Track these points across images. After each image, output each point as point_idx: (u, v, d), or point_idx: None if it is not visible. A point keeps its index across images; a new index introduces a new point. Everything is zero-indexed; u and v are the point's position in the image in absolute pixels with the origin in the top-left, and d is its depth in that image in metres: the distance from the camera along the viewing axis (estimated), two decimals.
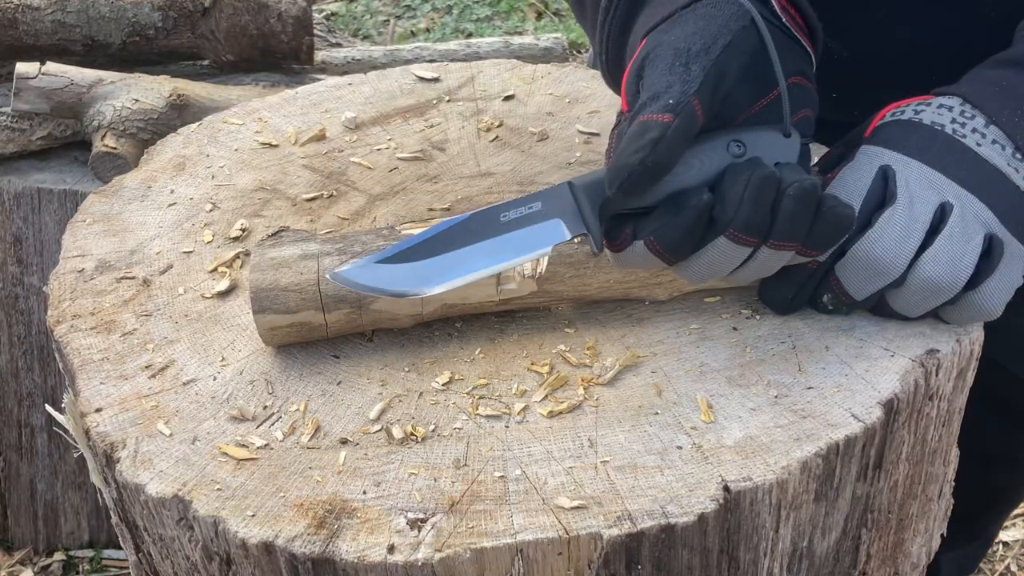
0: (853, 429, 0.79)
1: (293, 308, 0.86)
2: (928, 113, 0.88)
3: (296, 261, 0.87)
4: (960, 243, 0.82)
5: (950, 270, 0.82)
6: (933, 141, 0.86)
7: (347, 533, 0.74)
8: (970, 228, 0.83)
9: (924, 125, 0.87)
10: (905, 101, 0.90)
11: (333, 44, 2.39)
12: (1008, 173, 0.85)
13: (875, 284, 0.84)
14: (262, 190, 1.11)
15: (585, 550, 0.73)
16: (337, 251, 0.87)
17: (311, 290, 0.86)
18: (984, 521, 1.51)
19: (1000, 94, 0.87)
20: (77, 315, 0.94)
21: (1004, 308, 0.85)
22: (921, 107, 0.88)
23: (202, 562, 0.79)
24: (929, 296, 0.84)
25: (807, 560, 0.84)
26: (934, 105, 0.88)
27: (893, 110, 0.90)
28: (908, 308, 0.86)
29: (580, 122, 1.19)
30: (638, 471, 0.77)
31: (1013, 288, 0.85)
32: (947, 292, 0.83)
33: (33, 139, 1.89)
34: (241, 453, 0.81)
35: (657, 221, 0.78)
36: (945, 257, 0.82)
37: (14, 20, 1.95)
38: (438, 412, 0.83)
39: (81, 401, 0.86)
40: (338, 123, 1.21)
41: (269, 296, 0.86)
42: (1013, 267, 0.84)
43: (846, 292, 0.86)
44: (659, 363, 0.87)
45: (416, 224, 0.90)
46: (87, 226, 1.06)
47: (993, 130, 0.86)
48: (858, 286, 0.85)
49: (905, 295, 0.85)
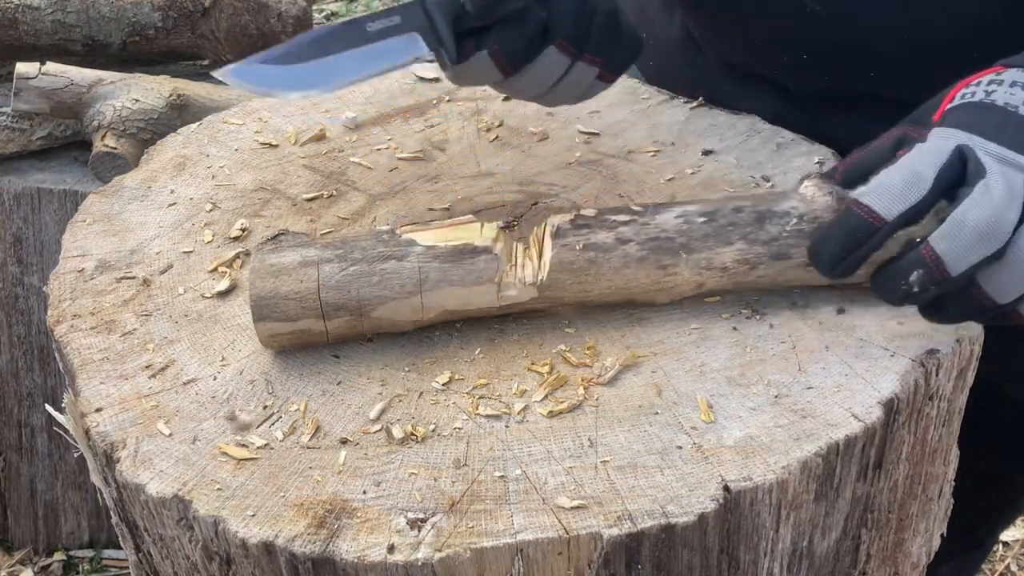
0: (853, 429, 0.79)
1: (293, 316, 0.86)
2: (1000, 93, 0.84)
3: (296, 268, 0.86)
4: None
5: None
6: (1008, 122, 0.82)
7: (347, 533, 0.74)
8: None
9: (997, 107, 0.83)
10: (975, 77, 0.87)
11: None
12: None
13: (977, 253, 0.78)
14: (262, 190, 1.11)
15: (585, 550, 0.73)
16: (337, 257, 0.87)
17: (311, 298, 0.85)
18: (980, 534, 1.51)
19: None
20: (77, 315, 0.94)
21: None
22: (993, 86, 0.85)
23: (202, 562, 0.79)
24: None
25: (807, 560, 0.84)
26: (1007, 83, 0.85)
27: (963, 90, 0.87)
28: (1003, 288, 0.80)
29: (580, 122, 1.19)
30: (638, 471, 0.77)
31: None
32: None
33: (33, 139, 1.89)
34: (241, 453, 0.81)
35: (502, 32, 0.91)
36: None
37: (14, 20, 1.95)
38: (438, 412, 0.83)
39: (81, 401, 0.86)
40: (338, 123, 1.21)
41: (269, 304, 0.85)
42: None
43: (942, 265, 0.79)
44: (659, 363, 0.87)
45: (416, 227, 0.90)
46: (87, 226, 1.06)
47: None
48: (958, 256, 0.78)
49: (1004, 271, 0.79)
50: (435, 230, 0.89)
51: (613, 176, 1.10)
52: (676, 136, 1.15)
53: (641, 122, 1.18)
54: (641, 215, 0.88)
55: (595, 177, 1.10)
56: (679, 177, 1.08)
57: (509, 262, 0.87)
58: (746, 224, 0.87)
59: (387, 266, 0.86)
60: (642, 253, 0.87)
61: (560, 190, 1.08)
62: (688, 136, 1.15)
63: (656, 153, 1.13)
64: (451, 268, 0.86)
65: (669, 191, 1.06)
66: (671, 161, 1.11)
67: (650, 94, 1.23)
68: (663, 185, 1.07)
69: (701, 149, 1.12)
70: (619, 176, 1.10)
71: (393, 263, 0.86)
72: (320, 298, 0.85)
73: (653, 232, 0.87)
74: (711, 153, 1.12)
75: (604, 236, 0.87)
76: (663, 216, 0.88)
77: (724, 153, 1.11)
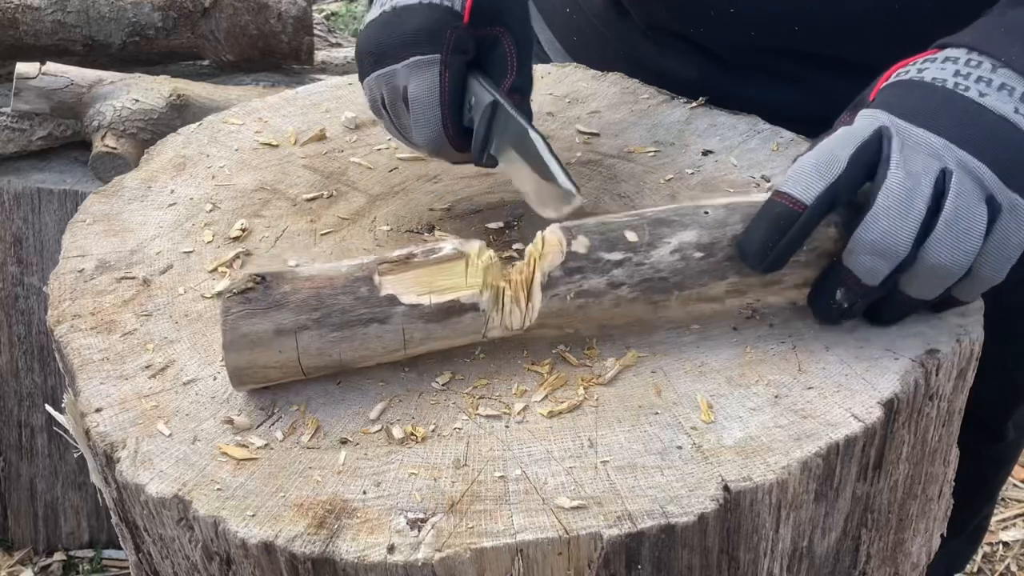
0: (853, 429, 0.79)
1: (274, 379, 0.84)
2: (931, 69, 0.85)
3: (272, 339, 0.81)
4: (962, 220, 0.79)
5: (956, 252, 0.79)
6: (932, 99, 0.83)
7: (347, 533, 0.74)
8: (972, 198, 0.79)
9: (925, 83, 0.84)
10: (913, 58, 0.87)
11: (333, 44, 2.39)
12: (1016, 120, 0.81)
13: (885, 266, 0.81)
14: (262, 190, 1.11)
15: (585, 550, 0.73)
16: (315, 323, 0.81)
17: (292, 366, 0.83)
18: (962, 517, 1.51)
19: (1007, 35, 0.84)
20: (77, 315, 0.94)
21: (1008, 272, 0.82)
22: (925, 64, 0.85)
23: (202, 562, 0.79)
24: (941, 279, 0.81)
25: (807, 560, 0.84)
26: (939, 59, 0.85)
27: (899, 70, 0.87)
28: (921, 292, 0.83)
29: (580, 122, 1.19)
30: (638, 471, 0.77)
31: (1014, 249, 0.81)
32: (957, 273, 0.81)
33: (33, 139, 1.89)
34: (241, 453, 0.81)
35: None
36: (949, 240, 0.79)
37: (14, 20, 1.95)
38: (438, 412, 0.83)
39: (81, 401, 0.86)
40: (338, 123, 1.21)
41: (248, 373, 0.83)
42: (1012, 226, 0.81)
43: (858, 281, 0.82)
44: (659, 363, 0.87)
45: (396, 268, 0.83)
46: (87, 226, 1.06)
47: (1002, 72, 0.82)
48: (869, 272, 0.81)
49: (915, 279, 0.82)
50: (417, 272, 0.83)
51: (613, 176, 1.10)
52: (676, 136, 1.15)
53: (641, 122, 1.18)
54: (636, 250, 0.84)
55: (595, 177, 1.10)
56: (678, 177, 1.08)
57: (496, 309, 0.84)
58: None
59: (369, 330, 0.82)
60: (634, 295, 0.85)
61: None
62: (688, 136, 1.15)
63: (656, 153, 1.13)
64: (436, 328, 0.83)
65: (669, 191, 1.06)
66: (671, 161, 1.11)
67: (650, 94, 1.23)
68: (663, 185, 1.07)
69: (701, 149, 1.12)
70: (619, 176, 1.10)
71: (375, 327, 0.82)
72: (301, 364, 0.83)
73: (647, 273, 0.84)
74: (711, 153, 1.12)
75: (596, 281, 0.84)
76: (659, 252, 0.84)
77: (724, 153, 1.11)
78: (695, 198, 1.04)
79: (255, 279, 0.82)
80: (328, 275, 0.83)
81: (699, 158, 1.11)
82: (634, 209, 1.03)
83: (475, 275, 0.83)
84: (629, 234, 0.84)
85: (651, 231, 0.85)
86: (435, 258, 0.83)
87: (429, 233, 1.03)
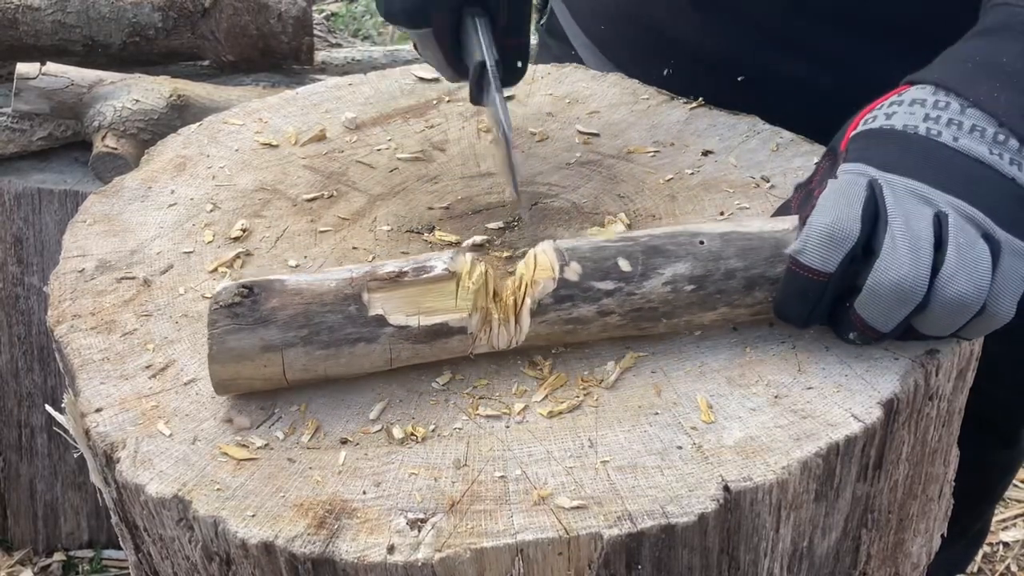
0: (853, 429, 0.79)
1: (258, 388, 0.84)
2: (900, 115, 0.85)
3: (258, 354, 0.81)
4: (969, 253, 0.79)
5: (971, 284, 0.79)
6: (908, 149, 0.83)
7: (347, 533, 0.74)
8: (970, 234, 0.80)
9: (896, 131, 0.84)
10: (878, 101, 0.87)
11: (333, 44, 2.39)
12: (992, 162, 0.81)
13: (900, 313, 0.80)
14: (262, 190, 1.11)
15: (585, 550, 0.73)
16: (302, 340, 0.80)
17: (277, 379, 0.83)
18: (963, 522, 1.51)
19: (974, 71, 0.84)
20: (77, 315, 0.94)
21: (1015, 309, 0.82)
22: (893, 107, 0.85)
23: (202, 562, 0.79)
24: (957, 314, 0.80)
25: (807, 560, 0.84)
26: (906, 102, 0.85)
27: (866, 116, 0.87)
28: (937, 329, 0.83)
29: (580, 122, 1.19)
30: (638, 471, 0.77)
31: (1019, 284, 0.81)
32: (974, 306, 0.80)
33: (33, 139, 1.89)
34: (241, 453, 0.81)
35: None
36: (963, 272, 0.79)
37: (14, 20, 1.95)
38: (438, 412, 0.83)
39: (81, 401, 0.86)
40: (338, 123, 1.21)
41: (233, 383, 0.83)
42: (1016, 262, 0.81)
43: (871, 328, 0.82)
44: (659, 363, 0.87)
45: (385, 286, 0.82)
46: (87, 226, 1.06)
47: (971, 113, 0.82)
48: (883, 318, 0.81)
49: (932, 318, 0.81)
50: (407, 291, 0.82)
51: (613, 176, 1.10)
52: (676, 136, 1.15)
53: (641, 122, 1.18)
54: (629, 280, 0.84)
55: (595, 177, 1.10)
56: (678, 177, 1.09)
57: (483, 330, 0.84)
58: (734, 292, 0.85)
59: (356, 348, 0.82)
60: (623, 323, 0.85)
61: (560, 190, 1.08)
62: (688, 136, 1.15)
63: (655, 153, 1.13)
64: (423, 347, 0.83)
65: (668, 192, 1.06)
66: (670, 161, 1.11)
67: (650, 94, 1.23)
68: (662, 185, 1.07)
69: (701, 149, 1.12)
70: (619, 176, 1.10)
71: (362, 346, 0.82)
72: (286, 378, 0.83)
73: (637, 303, 0.84)
74: (711, 153, 1.12)
75: (586, 310, 0.84)
76: (651, 284, 0.84)
77: (724, 153, 1.11)
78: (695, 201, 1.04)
79: (243, 292, 0.81)
80: (317, 290, 0.82)
81: (699, 158, 1.11)
82: (632, 208, 1.04)
83: (465, 298, 0.82)
84: (623, 263, 0.84)
85: (644, 261, 0.84)
86: (426, 278, 0.82)
87: (429, 233, 1.03)
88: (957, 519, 1.43)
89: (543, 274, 0.84)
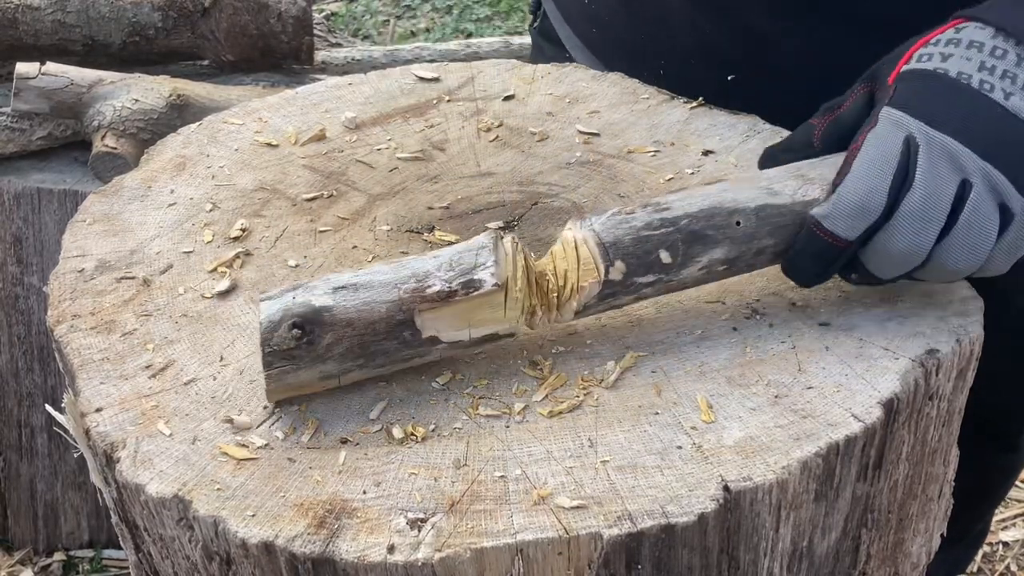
0: (853, 429, 0.79)
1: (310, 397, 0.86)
2: (956, 59, 0.83)
3: (316, 382, 0.83)
4: (977, 231, 0.81)
5: (967, 258, 0.82)
6: (956, 101, 0.82)
7: (347, 533, 0.74)
8: (988, 208, 0.81)
9: (949, 79, 0.83)
10: (932, 35, 0.86)
11: (333, 44, 2.39)
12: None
13: (899, 271, 0.85)
14: (262, 190, 1.11)
15: (585, 550, 0.73)
16: (358, 366, 0.83)
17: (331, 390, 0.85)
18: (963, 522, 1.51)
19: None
20: (77, 315, 0.94)
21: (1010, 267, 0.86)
22: (950, 47, 0.84)
23: (202, 562, 0.79)
24: (949, 277, 0.86)
25: (807, 560, 0.84)
26: (963, 43, 0.84)
27: (920, 50, 0.86)
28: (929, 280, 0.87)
29: (580, 122, 1.19)
30: (638, 471, 0.77)
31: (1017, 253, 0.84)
32: (965, 274, 0.85)
33: (33, 139, 1.89)
34: (241, 453, 0.81)
35: None
36: (963, 248, 0.82)
37: (14, 20, 1.95)
38: (438, 412, 0.83)
39: (81, 401, 0.86)
40: (338, 123, 1.21)
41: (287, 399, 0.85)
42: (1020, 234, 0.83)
43: (873, 275, 0.86)
44: (659, 363, 0.87)
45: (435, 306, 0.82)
46: (87, 226, 1.06)
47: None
48: (882, 271, 0.85)
49: (928, 275, 0.85)
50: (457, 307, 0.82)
51: (613, 176, 1.10)
52: (676, 136, 1.15)
53: (641, 122, 1.18)
54: (668, 271, 0.85)
55: (595, 177, 1.10)
56: (679, 177, 1.09)
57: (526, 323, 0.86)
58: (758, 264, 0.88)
59: (410, 362, 0.85)
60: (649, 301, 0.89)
61: (560, 190, 1.08)
62: (688, 136, 1.15)
63: (656, 153, 1.13)
64: (470, 350, 0.86)
65: (669, 191, 1.06)
66: (671, 161, 1.11)
67: (650, 94, 1.23)
68: (663, 185, 1.07)
69: (701, 149, 1.12)
70: (619, 176, 1.10)
71: (416, 360, 0.85)
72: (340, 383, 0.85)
73: (672, 287, 0.87)
74: (711, 153, 1.12)
75: (624, 300, 0.87)
76: (688, 271, 0.86)
77: (724, 153, 1.11)
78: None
79: (296, 336, 0.80)
80: (368, 318, 0.81)
81: (699, 158, 1.11)
82: None
83: (513, 308, 0.83)
84: (664, 255, 0.85)
85: (685, 250, 0.85)
86: (476, 295, 0.82)
87: (429, 233, 1.03)
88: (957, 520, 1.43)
89: (588, 275, 0.84)
